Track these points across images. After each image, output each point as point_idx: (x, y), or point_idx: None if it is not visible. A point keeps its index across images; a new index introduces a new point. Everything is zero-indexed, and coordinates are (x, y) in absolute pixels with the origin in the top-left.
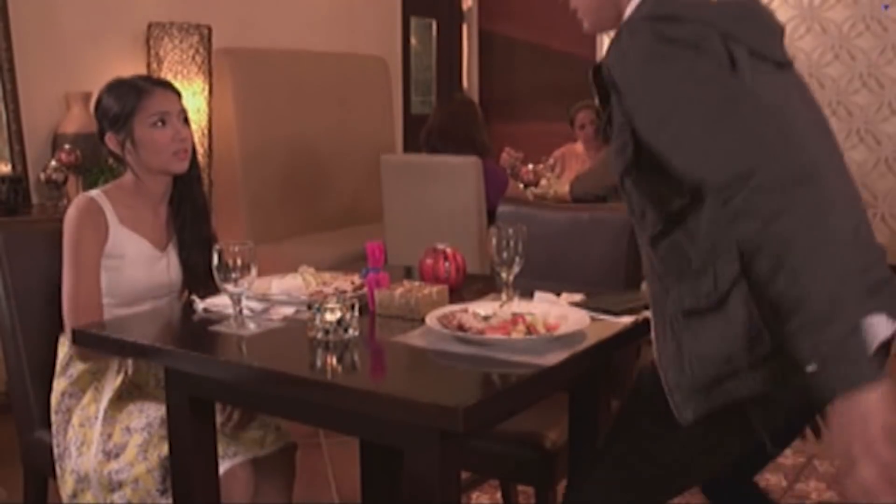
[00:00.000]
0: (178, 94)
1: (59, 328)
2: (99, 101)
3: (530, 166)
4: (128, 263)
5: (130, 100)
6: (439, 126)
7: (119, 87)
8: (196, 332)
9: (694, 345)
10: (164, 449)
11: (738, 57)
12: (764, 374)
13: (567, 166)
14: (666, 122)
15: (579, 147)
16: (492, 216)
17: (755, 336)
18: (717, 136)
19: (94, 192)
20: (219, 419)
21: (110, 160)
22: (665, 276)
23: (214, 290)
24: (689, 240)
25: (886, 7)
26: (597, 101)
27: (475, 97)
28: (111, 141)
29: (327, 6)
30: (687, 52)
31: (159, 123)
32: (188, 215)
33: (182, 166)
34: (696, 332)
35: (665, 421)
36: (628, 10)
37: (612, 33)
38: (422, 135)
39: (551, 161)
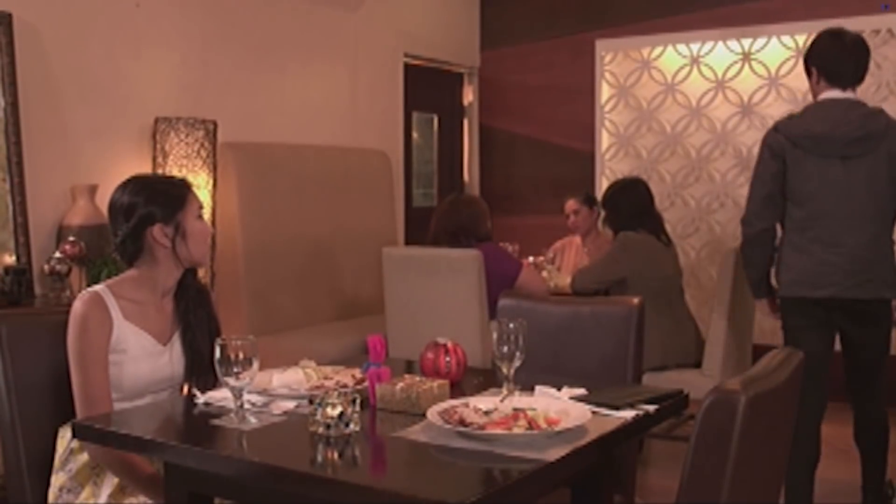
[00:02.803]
0: None
1: (60, 421)
2: (137, 197)
3: (531, 259)
4: (130, 358)
5: (181, 195)
6: (434, 234)
7: (163, 183)
8: (197, 427)
9: None
10: None
11: (787, 150)
12: None
13: (566, 258)
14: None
15: (578, 239)
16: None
17: None
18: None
19: (100, 287)
20: None
21: (114, 253)
22: None
23: (216, 381)
24: None
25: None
26: None
27: (476, 190)
28: (159, 232)
29: (330, 101)
30: (765, 148)
31: (200, 217)
32: (191, 298)
33: (208, 259)
34: None
35: None
36: None
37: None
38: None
39: (551, 254)
